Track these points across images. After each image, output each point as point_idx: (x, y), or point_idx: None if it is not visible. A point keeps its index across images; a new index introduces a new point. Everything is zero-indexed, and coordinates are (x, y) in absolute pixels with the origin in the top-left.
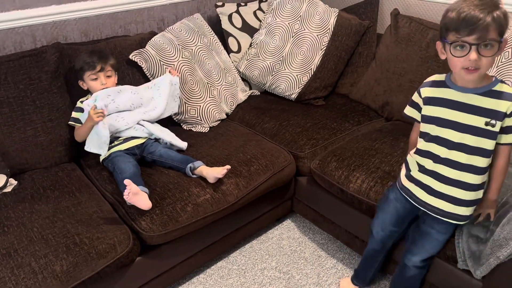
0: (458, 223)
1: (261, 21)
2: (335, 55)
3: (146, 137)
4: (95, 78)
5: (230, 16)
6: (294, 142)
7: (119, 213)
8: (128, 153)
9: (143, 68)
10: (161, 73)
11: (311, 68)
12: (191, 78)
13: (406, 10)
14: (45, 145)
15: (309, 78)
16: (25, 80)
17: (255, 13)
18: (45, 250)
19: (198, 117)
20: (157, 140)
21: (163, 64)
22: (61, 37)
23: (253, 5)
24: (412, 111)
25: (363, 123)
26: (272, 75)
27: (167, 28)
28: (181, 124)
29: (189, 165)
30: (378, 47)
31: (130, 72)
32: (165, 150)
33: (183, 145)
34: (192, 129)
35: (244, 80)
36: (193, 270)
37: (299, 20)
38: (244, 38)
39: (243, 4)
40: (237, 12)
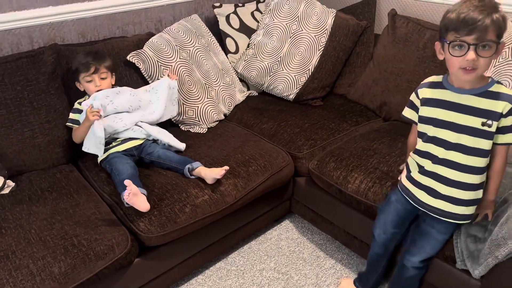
0: (458, 222)
1: (258, 22)
2: (332, 56)
3: (144, 138)
4: (90, 80)
5: (227, 17)
6: (292, 142)
7: (117, 215)
8: (126, 154)
9: (141, 69)
10: (158, 74)
11: (309, 69)
12: (189, 79)
13: (404, 11)
14: (43, 146)
15: (307, 78)
16: (22, 82)
17: (252, 14)
18: (43, 252)
19: (196, 118)
20: (155, 141)
21: (160, 65)
22: (58, 38)
23: (251, 6)
24: (411, 112)
25: (361, 124)
26: (270, 76)
27: (165, 29)
28: (179, 125)
29: (187, 166)
30: (376, 47)
31: (128, 73)
32: (163, 151)
33: (181, 146)
34: (190, 130)
35: (242, 80)
36: (192, 271)
37: (296, 20)
38: (241, 39)
39: (240, 5)
40: (235, 13)
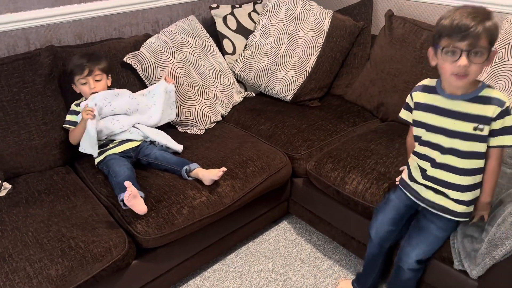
0: (458, 219)
1: (255, 23)
2: (330, 56)
3: (141, 140)
4: (85, 82)
5: (224, 18)
6: (289, 143)
7: (115, 217)
8: (123, 156)
9: (138, 71)
10: (156, 75)
11: (306, 70)
12: (186, 81)
13: (400, 11)
14: (40, 148)
15: (304, 79)
16: (19, 84)
17: (249, 15)
18: (40, 254)
19: (193, 119)
20: (152, 142)
21: (157, 67)
22: (55, 40)
23: (248, 7)
24: (407, 114)
25: (358, 124)
26: (267, 77)
27: (162, 30)
28: (177, 127)
29: (185, 167)
30: (373, 48)
31: (125, 74)
32: (160, 152)
33: (179, 147)
34: (188, 131)
35: (239, 81)
36: (190, 273)
37: (293, 21)
38: (239, 40)
39: (237, 6)
40: (232, 14)
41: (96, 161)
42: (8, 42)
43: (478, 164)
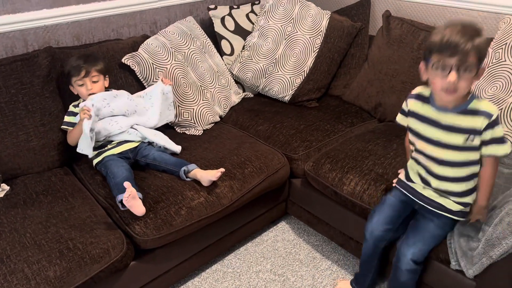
0: (456, 218)
1: (253, 24)
2: (327, 57)
3: (139, 141)
4: (82, 83)
5: (222, 19)
6: (287, 144)
7: (113, 218)
8: (122, 157)
9: (136, 72)
10: (154, 76)
11: (304, 70)
12: (184, 81)
13: (398, 12)
14: (38, 149)
15: (302, 80)
16: (17, 85)
17: (247, 16)
18: (38, 255)
19: (191, 120)
20: (150, 143)
21: (155, 68)
22: (53, 41)
23: (246, 8)
24: (403, 119)
25: (356, 125)
26: (265, 78)
27: (160, 31)
28: (175, 127)
29: (183, 168)
30: (370, 48)
31: (123, 75)
32: (158, 153)
33: (177, 148)
34: (186, 132)
35: (237, 82)
36: (188, 274)
37: (291, 22)
38: (237, 41)
39: (235, 7)
40: (230, 15)
41: (94, 162)
42: (6, 43)
43: (473, 170)
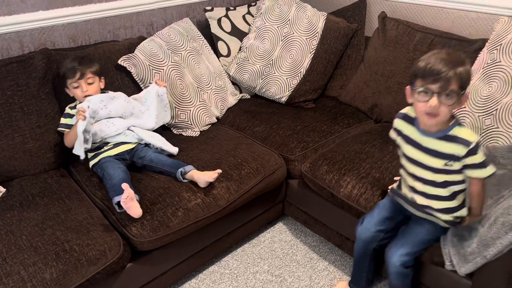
0: (445, 226)
1: (250, 25)
2: (324, 58)
3: (136, 143)
4: (77, 86)
5: (219, 20)
6: (284, 145)
7: (109, 219)
8: (118, 159)
9: (132, 73)
10: (150, 78)
11: (301, 71)
12: (181, 83)
13: (394, 13)
14: (34, 151)
15: (298, 81)
16: (13, 87)
17: (244, 17)
18: (34, 258)
19: (188, 121)
20: (147, 145)
21: (152, 69)
22: (49, 43)
23: (242, 9)
24: (394, 134)
25: (352, 126)
26: (262, 79)
27: (156, 33)
28: (172, 129)
29: (180, 169)
30: (367, 49)
31: (119, 77)
32: (155, 154)
33: (174, 150)
34: (183, 133)
35: (234, 84)
36: (185, 275)
37: (288, 23)
38: (233, 42)
39: (232, 8)
40: (226, 16)
41: (91, 164)
42: (2, 45)
43: (455, 189)
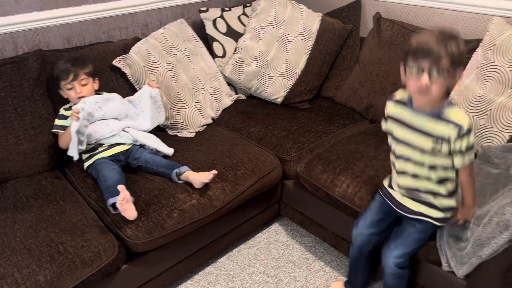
0: (436, 223)
1: (245, 26)
2: (319, 59)
3: (131, 144)
4: (71, 87)
5: (214, 21)
6: (280, 145)
7: (104, 221)
8: (113, 160)
9: (127, 74)
10: (145, 79)
11: (296, 72)
12: (176, 84)
13: (388, 14)
14: (28, 153)
15: (294, 82)
16: (6, 88)
17: (239, 18)
18: (28, 260)
19: (183, 122)
20: (142, 146)
21: (147, 70)
22: (43, 44)
23: (237, 10)
24: (384, 124)
25: (348, 126)
26: (257, 80)
27: (151, 34)
28: (167, 130)
29: (175, 170)
30: (362, 50)
31: (114, 78)
32: (150, 155)
33: (169, 151)
34: (178, 134)
35: (229, 84)
36: (181, 277)
37: (283, 24)
38: (229, 43)
39: (227, 9)
40: (222, 17)
41: (86, 165)
42: None
43: (446, 174)
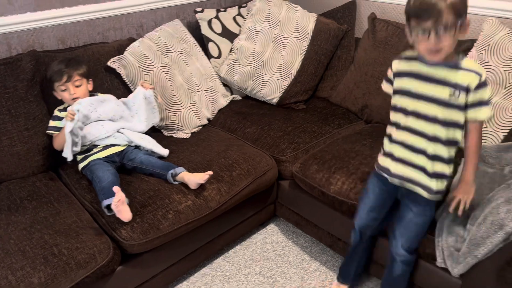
0: (431, 198)
1: (240, 27)
2: (314, 59)
3: (126, 145)
4: (64, 89)
5: (209, 22)
6: (275, 146)
7: (99, 223)
8: (108, 161)
9: (122, 75)
10: (140, 79)
11: (292, 73)
12: (171, 84)
13: (383, 14)
14: (22, 154)
15: (289, 82)
16: (0, 89)
17: (234, 19)
18: (22, 262)
19: (179, 123)
20: (137, 147)
21: (142, 71)
22: (37, 45)
23: (233, 11)
24: (388, 86)
25: (343, 126)
26: (253, 80)
27: (146, 35)
28: (162, 131)
29: (171, 171)
30: (357, 51)
31: (109, 79)
32: (145, 156)
33: (165, 152)
34: (173, 135)
35: (225, 85)
36: (176, 278)
37: (278, 25)
38: (224, 44)
39: (222, 10)
40: (217, 17)
41: (80, 166)
42: None
43: (452, 135)
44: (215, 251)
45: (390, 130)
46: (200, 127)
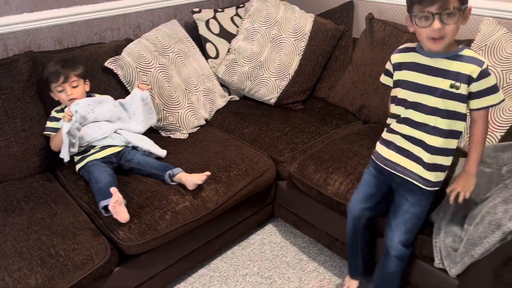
0: (428, 188)
1: (238, 27)
2: (312, 60)
3: (123, 145)
4: (61, 89)
5: (207, 22)
6: (273, 146)
7: (96, 224)
8: (105, 162)
9: (119, 76)
10: (137, 80)
11: (289, 73)
12: (169, 85)
13: (381, 15)
14: (19, 155)
15: (287, 82)
16: None
17: (232, 19)
18: (19, 263)
19: (176, 123)
20: (134, 147)
21: (139, 71)
22: (34, 46)
23: (230, 11)
24: (386, 79)
25: (341, 126)
26: (251, 81)
27: (143, 35)
28: (160, 131)
29: (168, 172)
30: (354, 51)
31: (106, 79)
32: (143, 157)
33: (162, 153)
34: (171, 136)
35: (223, 85)
36: (174, 279)
37: (276, 25)
38: (222, 44)
39: (220, 10)
40: (214, 18)
41: (77, 167)
42: None
43: (455, 126)
44: (213, 251)
45: (390, 121)
46: (198, 128)
